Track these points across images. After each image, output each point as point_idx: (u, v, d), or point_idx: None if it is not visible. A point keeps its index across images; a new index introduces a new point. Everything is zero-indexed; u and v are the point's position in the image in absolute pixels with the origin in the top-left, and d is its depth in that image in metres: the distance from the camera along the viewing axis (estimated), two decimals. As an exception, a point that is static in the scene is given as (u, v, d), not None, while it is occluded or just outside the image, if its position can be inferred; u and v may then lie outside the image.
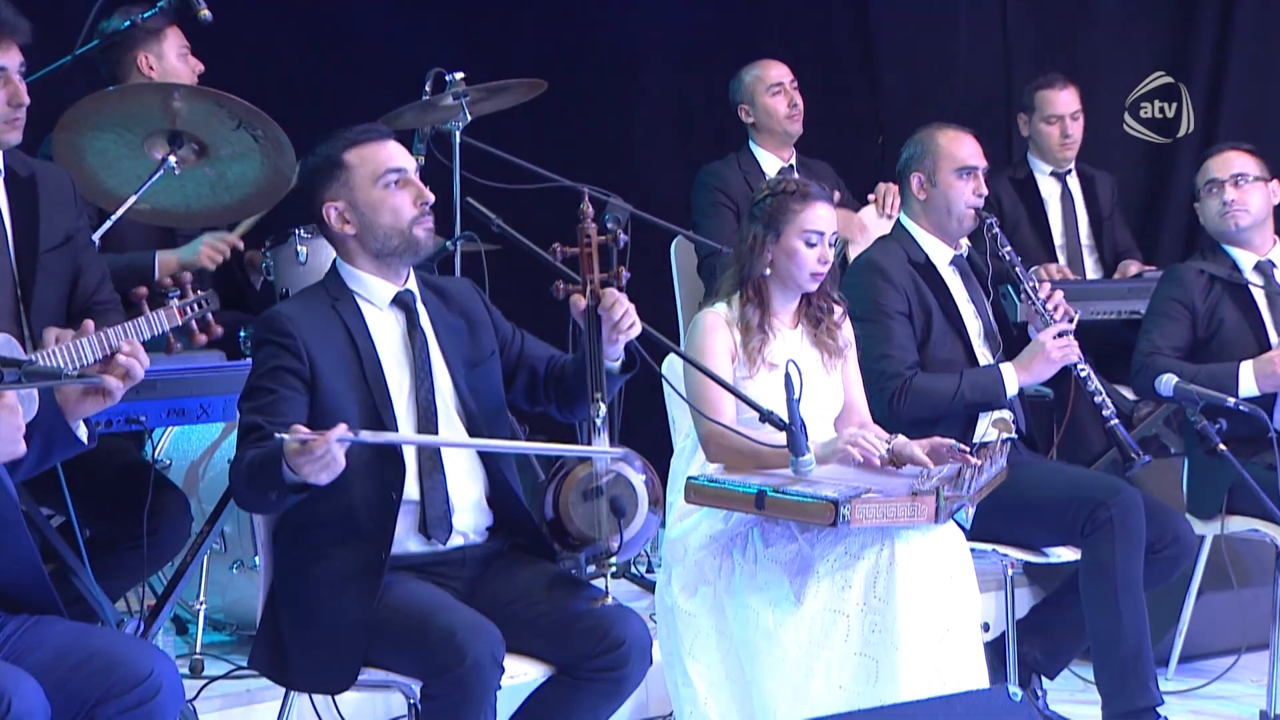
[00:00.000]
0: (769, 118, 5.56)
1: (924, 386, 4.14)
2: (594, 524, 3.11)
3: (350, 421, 3.08)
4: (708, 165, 5.58)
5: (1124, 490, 4.01)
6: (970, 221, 4.33)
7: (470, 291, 3.40)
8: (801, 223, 3.76)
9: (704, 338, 3.75)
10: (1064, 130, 5.78)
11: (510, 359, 3.39)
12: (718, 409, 3.62)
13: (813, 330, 3.86)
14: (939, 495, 3.35)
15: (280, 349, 3.13)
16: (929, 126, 4.38)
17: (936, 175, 4.28)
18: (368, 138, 3.24)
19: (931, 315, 4.24)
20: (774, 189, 3.81)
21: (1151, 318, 4.62)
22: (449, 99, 4.86)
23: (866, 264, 4.29)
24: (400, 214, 3.21)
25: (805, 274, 3.78)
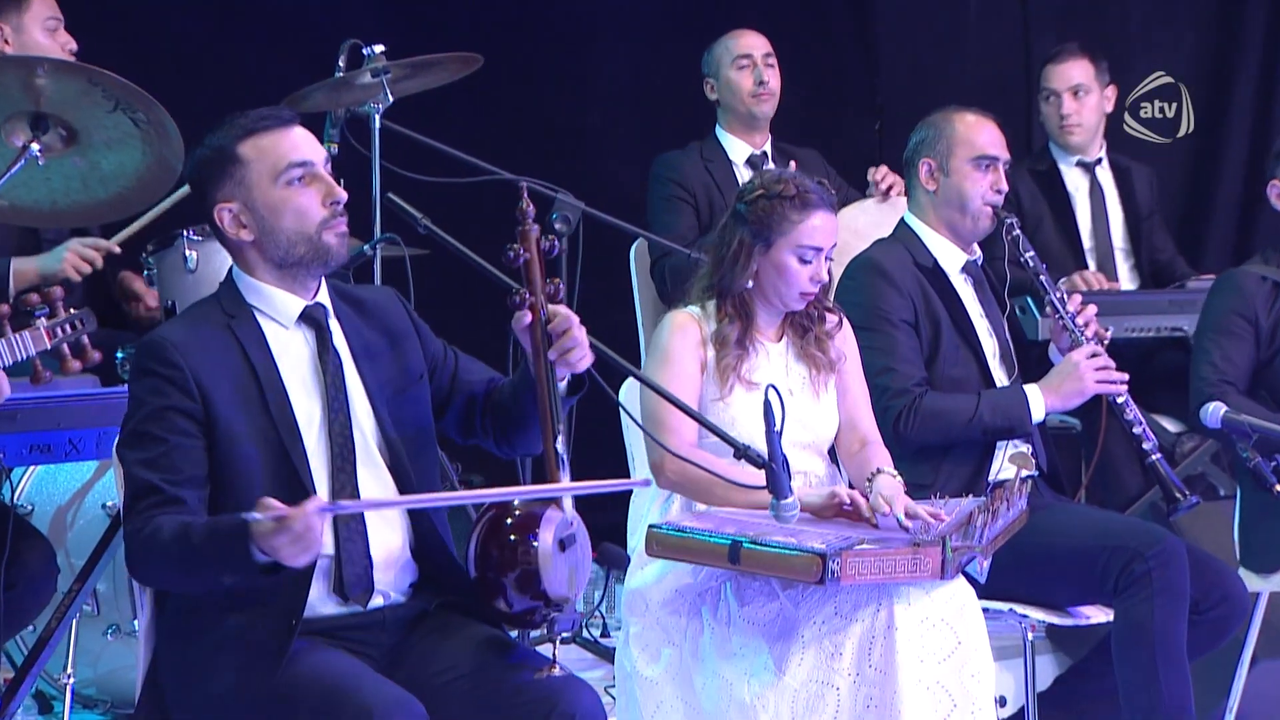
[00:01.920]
0: (732, 95, 5.61)
1: (935, 407, 4.16)
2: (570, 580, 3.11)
3: (253, 466, 3.07)
4: (663, 155, 5.63)
5: (1165, 539, 4.03)
6: (987, 221, 4.35)
7: (393, 303, 3.39)
8: (798, 235, 3.77)
9: (669, 339, 3.76)
10: (1060, 109, 5.83)
11: (441, 383, 3.39)
12: (678, 430, 3.63)
13: (799, 341, 3.88)
14: (945, 546, 3.37)
15: (166, 384, 3.10)
16: (944, 109, 4.41)
17: (950, 163, 4.31)
18: (266, 125, 3.21)
19: (940, 327, 4.26)
20: (769, 189, 3.80)
21: (1208, 335, 4.64)
22: (366, 76, 4.87)
23: (866, 264, 4.30)
24: (306, 217, 3.18)
25: (794, 293, 3.80)
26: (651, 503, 3.81)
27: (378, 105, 4.89)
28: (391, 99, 4.89)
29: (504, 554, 3.08)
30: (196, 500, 3.09)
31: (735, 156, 5.58)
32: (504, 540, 3.08)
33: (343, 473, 3.17)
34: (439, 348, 3.41)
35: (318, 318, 3.25)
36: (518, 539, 3.07)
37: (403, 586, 3.26)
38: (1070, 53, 5.90)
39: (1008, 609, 4.07)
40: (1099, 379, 4.22)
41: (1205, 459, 5.57)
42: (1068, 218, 5.89)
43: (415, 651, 3.21)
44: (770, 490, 3.35)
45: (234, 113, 3.24)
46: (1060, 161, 5.95)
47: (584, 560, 3.14)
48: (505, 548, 3.08)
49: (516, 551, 3.07)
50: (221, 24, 6.13)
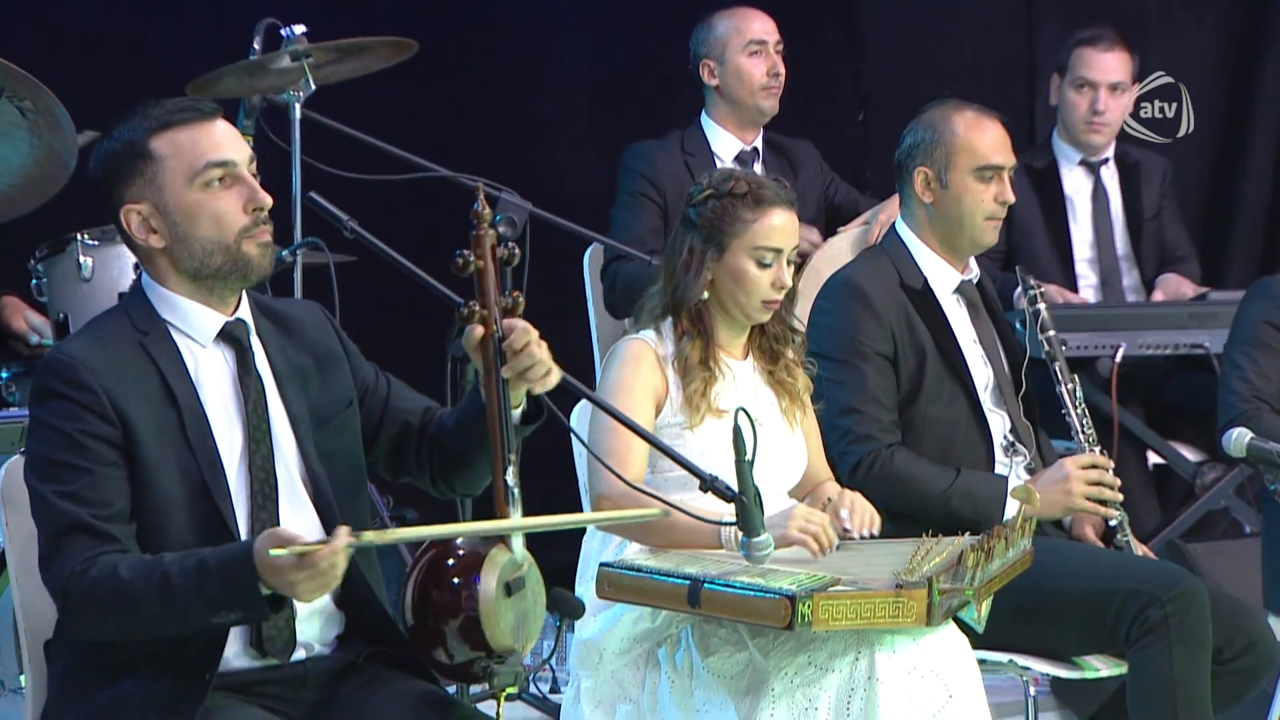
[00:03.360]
0: (739, 85, 5.53)
1: (904, 471, 4.17)
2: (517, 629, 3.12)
3: (171, 501, 3.07)
4: (637, 144, 5.57)
5: (1184, 581, 4.05)
6: (990, 237, 4.37)
7: (320, 320, 3.39)
8: (753, 236, 3.80)
9: (621, 368, 3.79)
10: (1094, 104, 5.84)
11: (372, 411, 3.38)
12: (626, 462, 3.65)
13: (768, 367, 3.91)
14: (932, 588, 3.39)
15: (79, 408, 3.09)
16: (942, 105, 4.39)
17: (949, 173, 4.30)
18: (184, 118, 3.18)
19: (925, 359, 4.28)
20: (718, 187, 3.83)
21: (1239, 347, 4.71)
22: (285, 60, 4.88)
23: (844, 286, 4.32)
24: (224, 223, 3.17)
25: (755, 302, 3.83)
26: (606, 543, 3.83)
27: (298, 93, 4.90)
28: (314, 86, 4.89)
29: (445, 598, 3.07)
30: (127, 537, 3.09)
31: (721, 152, 5.53)
32: (446, 583, 3.07)
33: (264, 510, 3.17)
34: (370, 372, 3.41)
35: (238, 336, 3.24)
36: (461, 581, 3.06)
37: (327, 637, 3.26)
38: (1111, 40, 5.89)
39: (1007, 659, 4.09)
40: (1088, 495, 4.23)
41: (1229, 491, 5.61)
42: (1061, 225, 5.91)
43: (341, 709, 3.21)
44: (740, 527, 3.37)
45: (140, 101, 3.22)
46: (1061, 159, 5.97)
47: (535, 607, 3.14)
48: (447, 591, 3.07)
49: (460, 596, 3.05)
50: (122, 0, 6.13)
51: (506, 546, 3.09)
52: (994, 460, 4.31)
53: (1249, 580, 4.79)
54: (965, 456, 4.28)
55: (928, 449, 4.25)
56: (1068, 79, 5.90)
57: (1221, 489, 5.59)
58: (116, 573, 3.01)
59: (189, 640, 3.07)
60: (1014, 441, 4.35)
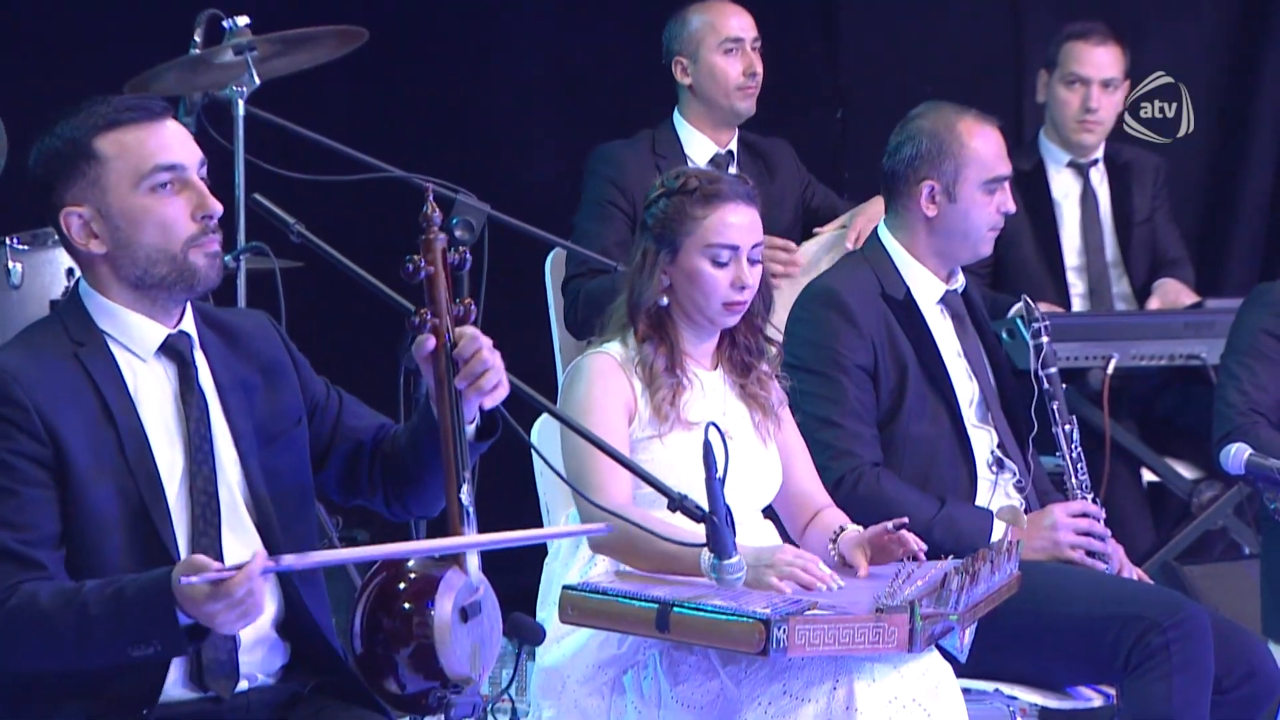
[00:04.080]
0: (714, 84, 5.51)
1: (886, 494, 4.18)
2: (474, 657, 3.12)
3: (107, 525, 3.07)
4: (605, 145, 5.55)
5: (1185, 607, 4.07)
6: (989, 248, 4.41)
7: (267, 331, 3.39)
8: (705, 233, 3.81)
9: (589, 387, 3.79)
10: (1086, 101, 5.87)
11: (322, 429, 3.39)
12: (606, 485, 3.66)
13: (739, 379, 3.92)
14: (914, 613, 3.41)
15: (7, 425, 3.08)
16: (939, 110, 4.39)
17: (959, 187, 4.31)
18: (132, 118, 3.17)
19: (907, 373, 4.29)
20: (668, 186, 3.86)
21: (1236, 357, 4.74)
22: (228, 54, 4.88)
23: (823, 295, 4.33)
24: (170, 231, 3.16)
25: (715, 304, 3.83)
26: (570, 564, 3.83)
27: (241, 88, 4.90)
28: (258, 81, 4.89)
29: (396, 625, 3.06)
30: (56, 563, 3.07)
31: (695, 154, 5.50)
32: (397, 609, 3.07)
33: (205, 536, 3.16)
34: (320, 387, 3.41)
35: (181, 349, 3.23)
36: (413, 607, 3.06)
37: (271, 667, 3.25)
38: (1103, 34, 5.91)
39: (993, 689, 4.11)
40: (1075, 544, 4.26)
41: (1227, 511, 5.62)
42: (1050, 231, 5.93)
43: (285, 745, 3.22)
44: (711, 548, 3.38)
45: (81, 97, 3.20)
46: (1049, 160, 5.99)
47: (491, 633, 3.15)
48: (399, 617, 3.06)
49: (412, 622, 3.05)
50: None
51: (461, 569, 3.09)
52: (976, 480, 4.33)
53: (1247, 605, 4.81)
54: (946, 477, 4.30)
55: (907, 468, 4.27)
56: (1057, 75, 5.91)
57: (1219, 508, 5.60)
58: (37, 601, 3.00)
59: (125, 671, 3.06)
60: (1001, 458, 4.37)
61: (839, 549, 3.81)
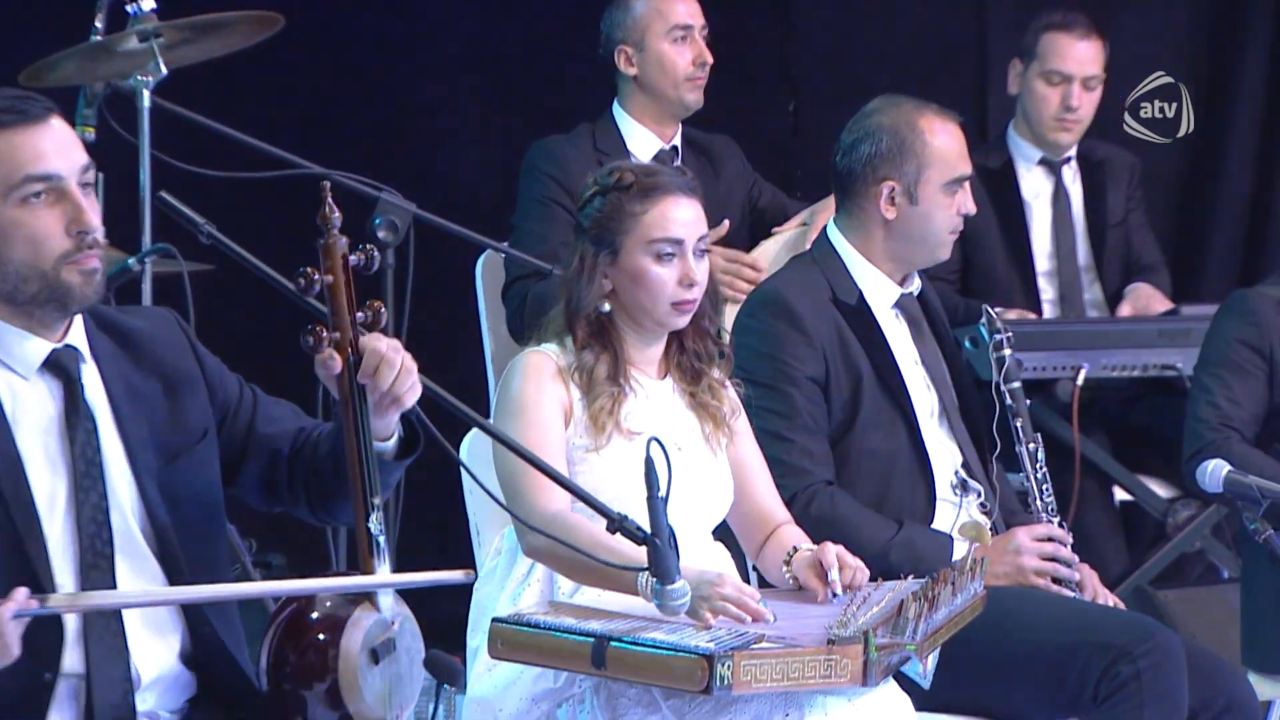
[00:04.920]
0: (662, 75, 5.49)
1: (844, 516, 4.19)
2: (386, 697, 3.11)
3: None
4: (542, 141, 5.54)
5: (1157, 634, 4.08)
6: (948, 252, 4.41)
7: (172, 332, 3.37)
8: (645, 229, 3.81)
9: (524, 384, 3.79)
10: (1067, 99, 5.90)
11: (236, 435, 3.38)
12: (541, 494, 3.65)
13: (689, 387, 3.93)
14: (869, 643, 3.41)
15: None
16: (897, 105, 4.39)
17: (920, 189, 4.32)
18: (7, 120, 3.13)
19: (861, 383, 4.30)
20: (602, 184, 3.86)
21: (1210, 369, 4.75)
22: (133, 41, 4.86)
23: (770, 300, 4.34)
24: (41, 247, 3.12)
25: (662, 305, 3.83)
26: (500, 590, 3.83)
27: (147, 78, 4.87)
28: (165, 70, 4.87)
29: (304, 661, 3.07)
30: None
31: (638, 149, 5.48)
32: (307, 644, 3.07)
33: (96, 569, 3.14)
34: (233, 388, 3.39)
35: (66, 365, 3.21)
36: (327, 639, 3.06)
37: (175, 703, 3.24)
38: (1086, 28, 5.93)
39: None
40: (1040, 569, 4.27)
41: (1204, 531, 5.65)
42: (1020, 233, 5.95)
43: (190, 786, 3.21)
44: (653, 572, 3.38)
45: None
46: (1018, 158, 6.02)
47: (410, 670, 3.15)
48: (307, 652, 3.07)
49: (324, 658, 3.05)
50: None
51: (373, 605, 3.09)
52: (936, 498, 4.34)
53: (1226, 632, 4.82)
54: (905, 494, 4.31)
55: (863, 485, 4.28)
56: (1035, 68, 5.93)
57: (1196, 529, 5.63)
58: None
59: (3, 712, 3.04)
60: (965, 478, 4.39)
61: (793, 570, 3.82)
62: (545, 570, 3.77)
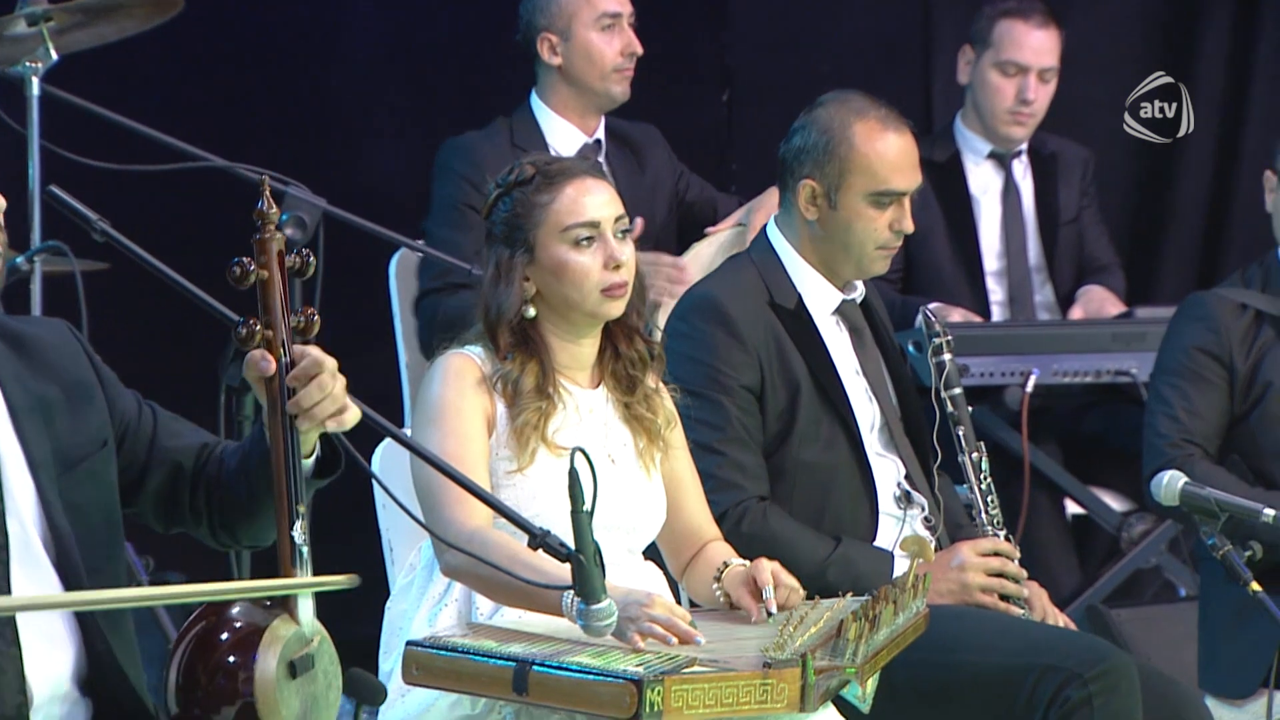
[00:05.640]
0: (589, 66, 5.49)
1: (779, 533, 4.21)
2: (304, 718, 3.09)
3: None
4: (456, 139, 5.54)
5: (1110, 656, 4.09)
6: (879, 267, 4.39)
7: (67, 342, 3.37)
8: (556, 218, 3.79)
9: (444, 388, 3.78)
10: (1023, 92, 5.92)
11: (135, 451, 3.37)
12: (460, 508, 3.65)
13: (624, 397, 3.93)
14: (807, 666, 3.41)
15: None
16: (843, 101, 4.38)
17: (840, 194, 4.31)
18: None
19: (799, 392, 4.30)
20: (502, 185, 3.84)
21: (1167, 378, 4.76)
22: (21, 25, 4.83)
23: (704, 304, 4.35)
24: None
25: (591, 294, 3.81)
26: (416, 609, 3.83)
27: (36, 65, 4.86)
28: (55, 56, 4.86)
29: (217, 682, 3.05)
30: None
31: (560, 144, 5.50)
32: (218, 663, 3.06)
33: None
34: (131, 404, 3.39)
35: (-38, 373, 3.21)
36: (237, 661, 3.05)
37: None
38: (1044, 16, 5.94)
39: (896, 750, 4.14)
40: (986, 586, 4.29)
41: (1160, 547, 5.68)
42: (967, 231, 5.98)
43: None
44: (577, 591, 3.38)
45: None
46: (966, 151, 6.05)
47: (328, 691, 3.14)
48: (219, 673, 3.06)
49: (235, 678, 3.05)
50: None
51: (292, 617, 3.09)
52: (878, 512, 4.36)
53: (1183, 653, 4.85)
54: (845, 511, 4.32)
55: (800, 499, 4.29)
56: (988, 57, 5.94)
57: (1152, 544, 5.66)
58: None
59: None
60: (908, 491, 4.40)
61: (724, 587, 3.83)
62: (464, 590, 3.77)
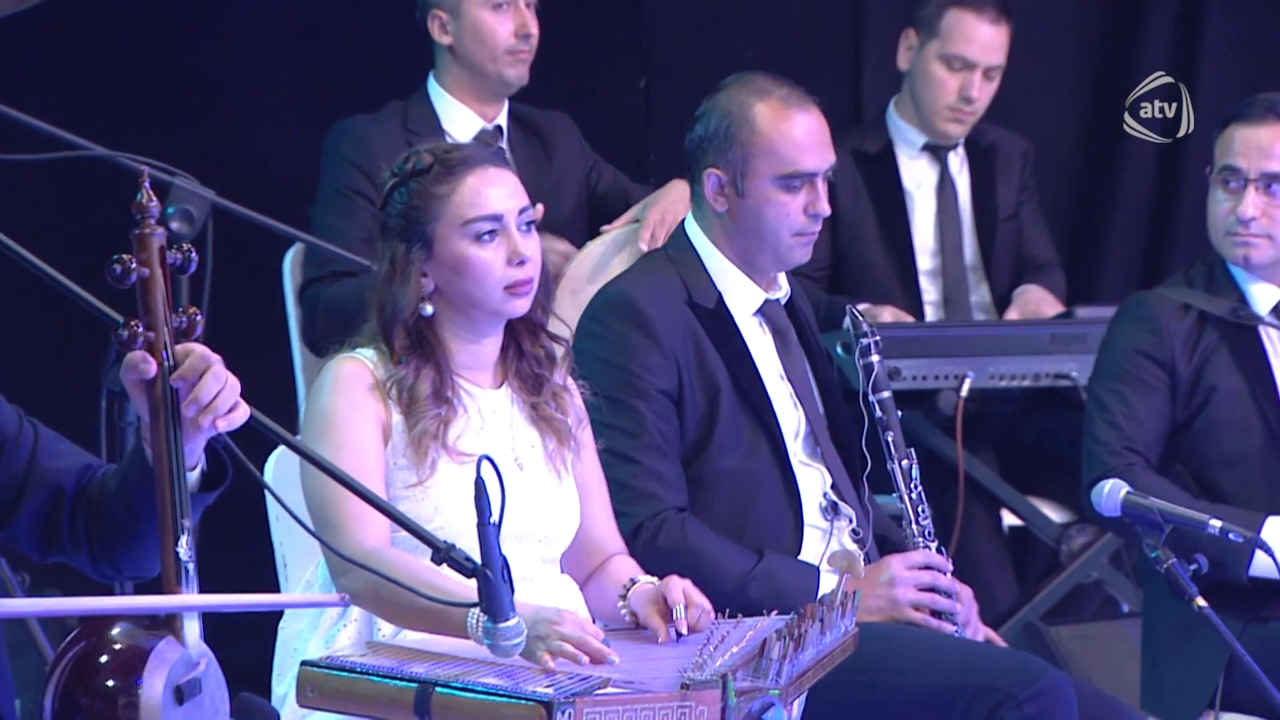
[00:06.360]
0: (479, 46, 5.49)
1: (699, 546, 4.22)
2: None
3: None
4: (343, 122, 5.53)
5: (1044, 675, 4.11)
6: (799, 255, 4.39)
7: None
8: (456, 211, 3.79)
9: (334, 397, 3.78)
10: (966, 89, 5.93)
11: (12, 471, 3.36)
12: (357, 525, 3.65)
13: (530, 398, 3.93)
14: (727, 688, 3.42)
15: None
16: (743, 83, 4.40)
17: (747, 180, 4.33)
18: None
19: (719, 397, 4.32)
20: (398, 174, 3.84)
21: (1107, 383, 4.78)
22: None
23: (618, 303, 4.35)
24: None
25: (494, 292, 3.81)
26: (312, 630, 3.82)
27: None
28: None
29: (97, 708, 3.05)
30: None
31: (456, 131, 5.50)
32: (98, 687, 3.05)
33: None
34: (10, 419, 3.38)
35: None
36: (118, 685, 3.05)
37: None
38: (996, 10, 5.94)
39: (822, 777, 4.15)
40: (917, 601, 4.31)
41: (1102, 560, 5.71)
42: (900, 227, 6.00)
43: None
44: (485, 610, 3.38)
45: None
46: (900, 142, 6.06)
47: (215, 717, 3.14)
48: (99, 698, 3.05)
49: (116, 703, 3.04)
50: None
51: (178, 638, 3.08)
52: (803, 526, 4.37)
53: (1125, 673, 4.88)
54: (768, 523, 4.34)
55: (721, 510, 4.30)
56: (933, 47, 5.94)
57: (1093, 558, 5.68)
58: None
59: None
60: (835, 501, 4.42)
61: (630, 606, 3.84)
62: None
